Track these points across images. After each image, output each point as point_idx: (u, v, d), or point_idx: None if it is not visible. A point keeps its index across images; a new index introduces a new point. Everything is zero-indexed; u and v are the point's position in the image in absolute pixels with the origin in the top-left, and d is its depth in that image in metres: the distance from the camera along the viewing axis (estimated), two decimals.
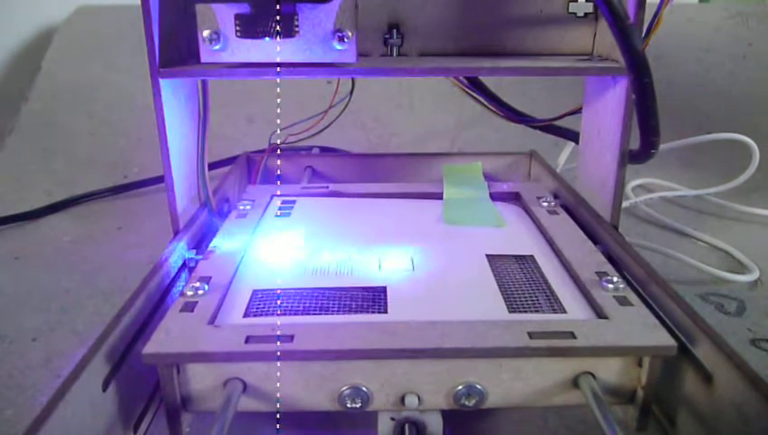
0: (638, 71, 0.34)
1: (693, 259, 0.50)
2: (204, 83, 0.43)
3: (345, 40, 0.35)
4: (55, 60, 0.92)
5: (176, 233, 0.41)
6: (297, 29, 0.35)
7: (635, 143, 0.39)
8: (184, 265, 0.39)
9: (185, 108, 0.42)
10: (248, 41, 0.35)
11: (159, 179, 0.67)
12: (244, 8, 0.34)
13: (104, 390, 0.28)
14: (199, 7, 0.35)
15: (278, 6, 0.34)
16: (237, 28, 0.35)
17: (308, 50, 0.36)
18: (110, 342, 0.28)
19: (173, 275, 0.37)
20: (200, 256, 0.37)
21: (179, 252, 0.38)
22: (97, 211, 0.66)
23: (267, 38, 0.35)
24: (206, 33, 0.35)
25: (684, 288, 0.47)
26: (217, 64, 0.37)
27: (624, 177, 0.41)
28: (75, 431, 0.25)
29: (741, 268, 0.50)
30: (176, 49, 0.40)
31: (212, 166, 0.60)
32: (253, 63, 0.37)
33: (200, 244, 0.42)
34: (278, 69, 0.37)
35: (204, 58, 0.36)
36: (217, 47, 0.36)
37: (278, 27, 0.35)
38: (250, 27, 0.35)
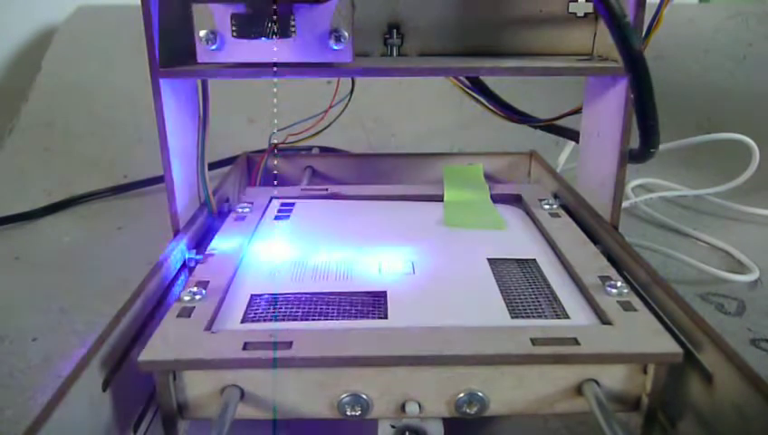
0: (637, 70, 0.33)
1: (693, 259, 0.50)
2: (204, 83, 0.43)
3: (342, 40, 0.35)
4: (55, 60, 0.92)
5: (176, 233, 0.41)
6: (293, 29, 0.35)
7: (635, 143, 0.39)
8: (184, 265, 0.39)
9: (185, 108, 0.42)
10: (245, 41, 0.35)
11: (159, 179, 0.67)
12: (240, 8, 0.34)
13: (104, 390, 0.27)
14: (196, 7, 0.35)
15: (274, 6, 0.34)
16: (234, 28, 0.35)
17: (304, 50, 0.36)
18: (110, 342, 0.28)
19: (173, 275, 0.37)
20: (200, 257, 0.37)
21: (179, 252, 0.38)
22: (97, 211, 0.66)
23: (264, 38, 0.35)
24: (202, 32, 0.35)
25: (684, 288, 0.47)
26: (214, 64, 0.37)
27: (624, 177, 0.41)
28: (75, 431, 0.25)
29: (741, 268, 0.50)
30: (176, 49, 0.40)
31: (212, 166, 0.60)
32: (250, 64, 0.37)
33: (200, 244, 0.42)
34: (275, 69, 0.37)
35: (200, 58, 0.36)
36: (214, 47, 0.36)
37: (275, 27, 0.34)
38: (246, 27, 0.34)
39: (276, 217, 0.44)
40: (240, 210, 0.44)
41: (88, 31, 0.97)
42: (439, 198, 0.47)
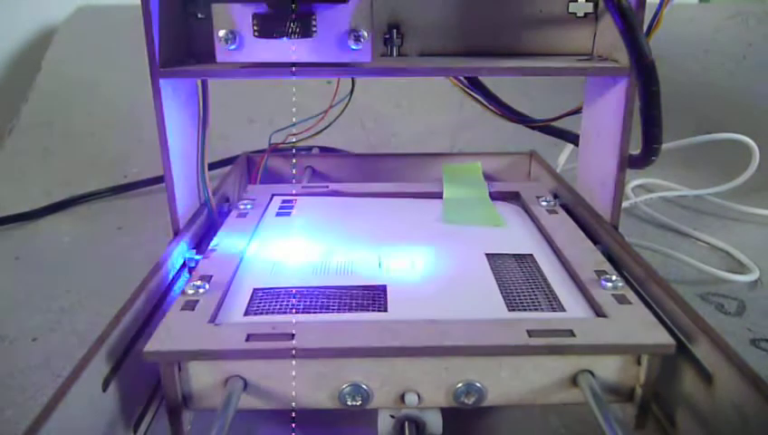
0: (647, 79, 0.34)
1: (693, 259, 0.50)
2: (204, 83, 0.43)
3: (361, 40, 0.35)
4: (55, 60, 0.93)
5: (176, 233, 0.41)
6: (315, 29, 0.35)
7: (634, 144, 0.39)
8: (184, 265, 0.39)
9: (185, 108, 0.42)
10: (263, 41, 0.35)
11: (159, 179, 0.67)
12: (261, 8, 0.34)
13: (104, 390, 0.28)
14: (216, 7, 0.35)
15: (296, 6, 0.34)
16: (255, 28, 0.35)
17: (324, 50, 0.36)
18: (110, 342, 0.28)
19: (173, 275, 0.37)
20: (200, 256, 0.37)
21: (179, 252, 0.38)
22: (97, 211, 0.66)
23: (285, 38, 0.35)
24: (222, 32, 0.35)
25: (684, 288, 0.47)
26: (232, 64, 0.37)
27: (624, 177, 0.41)
28: (75, 431, 0.25)
29: (741, 268, 0.50)
30: (176, 49, 0.40)
31: (212, 166, 0.60)
32: (268, 63, 0.37)
33: (200, 244, 0.42)
34: (293, 69, 0.37)
35: (219, 58, 0.36)
36: (233, 47, 0.36)
37: (297, 27, 0.34)
38: (268, 27, 0.34)
39: (278, 214, 0.44)
40: (242, 207, 0.44)
41: (88, 31, 0.97)
42: (439, 196, 0.48)
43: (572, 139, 0.51)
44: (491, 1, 0.44)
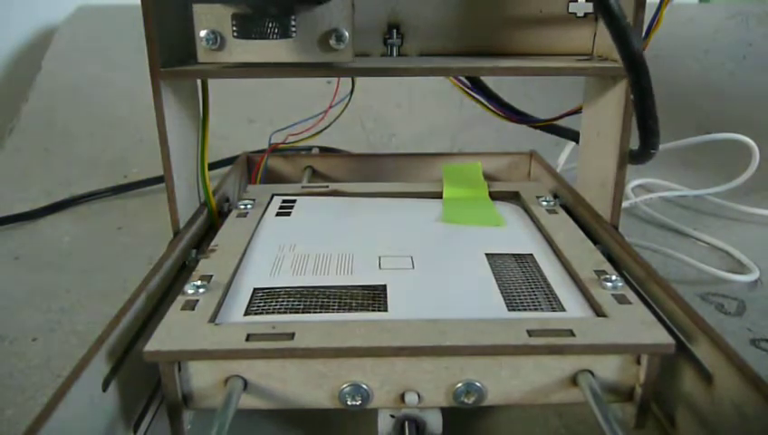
0: (636, 72, 0.34)
1: (693, 259, 0.50)
2: (204, 83, 0.43)
3: (342, 39, 0.35)
4: (55, 60, 0.93)
5: (176, 233, 0.41)
6: (294, 29, 0.35)
7: (635, 144, 0.39)
8: (184, 265, 0.39)
9: (185, 108, 0.42)
10: (245, 41, 0.35)
11: (159, 179, 0.67)
12: (241, 8, 0.34)
13: (104, 390, 0.28)
14: (196, 7, 0.35)
15: (275, 7, 0.34)
16: (234, 29, 0.35)
17: (305, 50, 0.36)
18: (111, 341, 0.28)
19: (173, 275, 0.37)
20: (200, 256, 0.37)
21: (179, 252, 0.38)
22: (97, 211, 0.65)
23: (264, 39, 0.35)
24: (202, 33, 0.36)
25: (684, 288, 0.47)
26: (214, 64, 0.37)
27: (624, 177, 0.41)
28: (75, 431, 0.25)
29: (741, 268, 0.50)
30: (176, 49, 0.40)
31: (212, 166, 0.60)
32: (250, 64, 0.37)
33: (200, 244, 0.42)
34: (275, 69, 0.37)
35: (201, 58, 0.36)
36: (214, 47, 0.36)
37: (275, 28, 0.34)
38: (247, 28, 0.34)
39: (278, 214, 0.44)
40: (242, 207, 0.44)
41: (88, 31, 0.97)
42: (439, 196, 0.48)
43: (573, 136, 0.51)
44: (491, 1, 0.44)
